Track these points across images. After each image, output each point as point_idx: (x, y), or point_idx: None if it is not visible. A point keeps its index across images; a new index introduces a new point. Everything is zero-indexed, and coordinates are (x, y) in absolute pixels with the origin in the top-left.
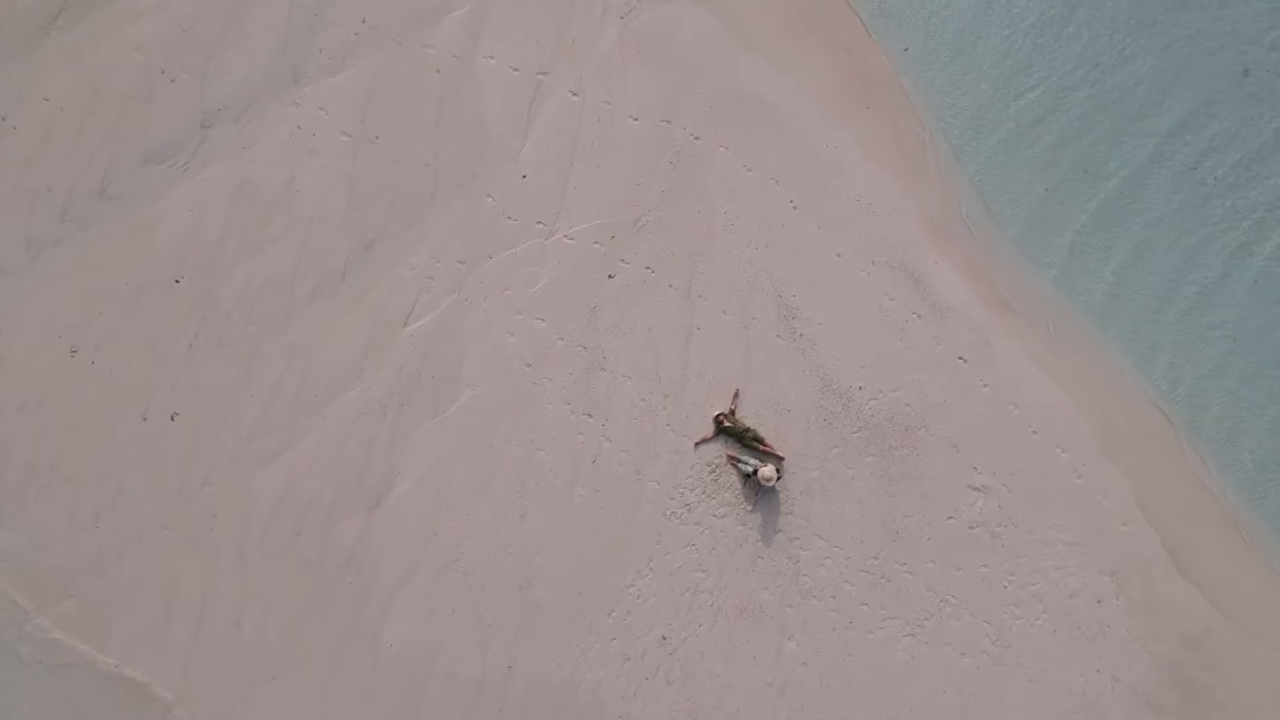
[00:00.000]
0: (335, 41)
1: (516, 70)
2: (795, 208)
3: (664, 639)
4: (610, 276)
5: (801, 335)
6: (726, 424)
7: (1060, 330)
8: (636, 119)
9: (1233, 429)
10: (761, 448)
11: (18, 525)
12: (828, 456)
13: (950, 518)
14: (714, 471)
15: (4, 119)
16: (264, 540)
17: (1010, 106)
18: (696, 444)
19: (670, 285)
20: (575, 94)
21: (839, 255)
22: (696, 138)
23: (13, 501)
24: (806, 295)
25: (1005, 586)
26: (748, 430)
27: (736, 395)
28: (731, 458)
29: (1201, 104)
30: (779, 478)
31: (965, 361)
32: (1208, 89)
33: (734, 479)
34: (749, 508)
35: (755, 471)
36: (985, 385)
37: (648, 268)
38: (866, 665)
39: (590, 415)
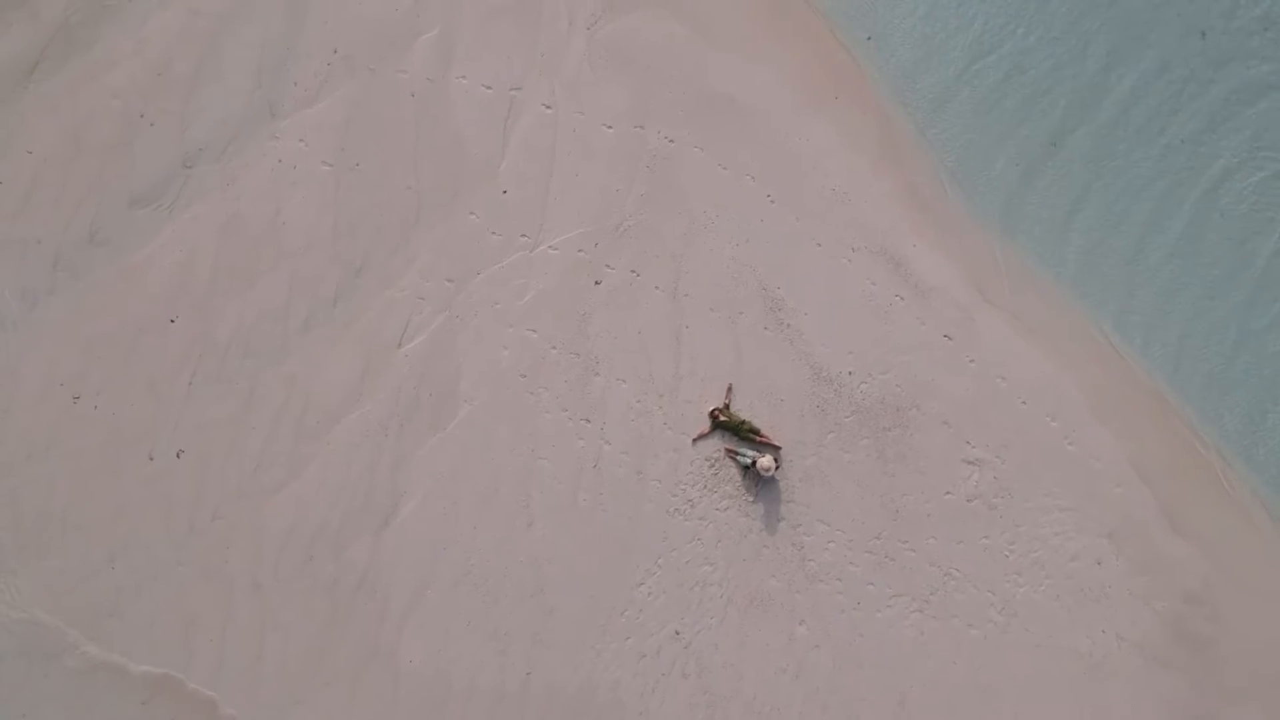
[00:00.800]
0: (308, 73)
1: (489, 88)
2: (773, 201)
3: (677, 634)
4: (597, 283)
5: (789, 326)
6: (722, 418)
7: (1037, 298)
8: (610, 127)
9: (1209, 383)
10: (758, 439)
11: (34, 573)
12: (823, 442)
13: (948, 493)
14: (714, 466)
15: None
16: (277, 569)
17: (971, 82)
18: (694, 440)
19: (656, 287)
20: (549, 107)
21: (819, 245)
22: (671, 140)
23: (27, 550)
24: (790, 286)
25: (1007, 556)
26: (743, 423)
27: (730, 390)
28: (730, 451)
29: (1157, 64)
30: (778, 467)
31: (950, 339)
32: (1162, 49)
33: (734, 472)
34: (751, 498)
35: (754, 463)
36: (972, 361)
37: (633, 271)
38: (877, 644)
39: (588, 420)
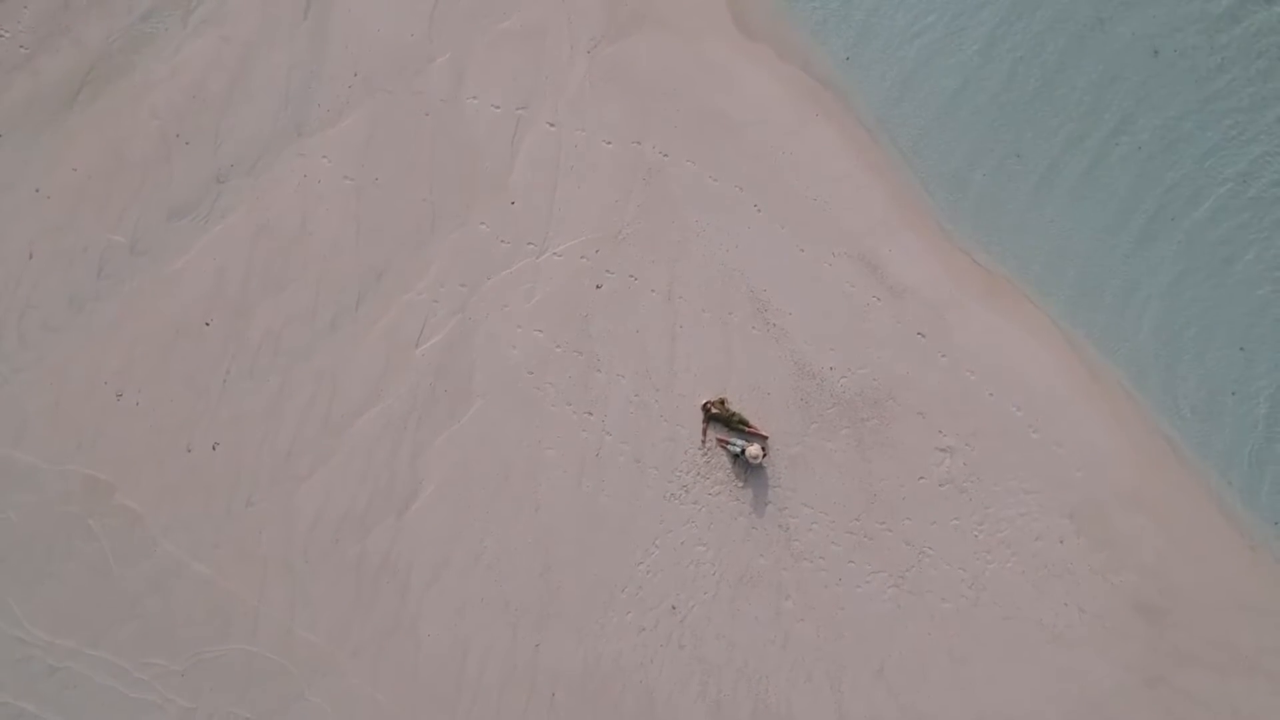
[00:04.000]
0: (331, 95)
1: (498, 108)
2: (759, 211)
3: (674, 609)
4: (598, 287)
5: (775, 325)
6: (714, 411)
7: (1006, 295)
8: (610, 142)
9: (1165, 374)
10: (747, 429)
11: (84, 555)
12: (807, 432)
13: (922, 478)
14: (706, 455)
15: (38, 190)
16: (307, 550)
17: (939, 96)
18: (704, 439)
19: (653, 290)
20: (553, 124)
21: (802, 250)
22: (665, 155)
23: (77, 534)
24: (776, 289)
25: (976, 535)
26: (734, 414)
27: (724, 401)
28: (721, 440)
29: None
30: (765, 455)
31: (924, 337)
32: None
33: (725, 460)
34: (741, 484)
35: (743, 451)
36: (943, 356)
37: (631, 276)
38: (857, 616)
39: (590, 413)
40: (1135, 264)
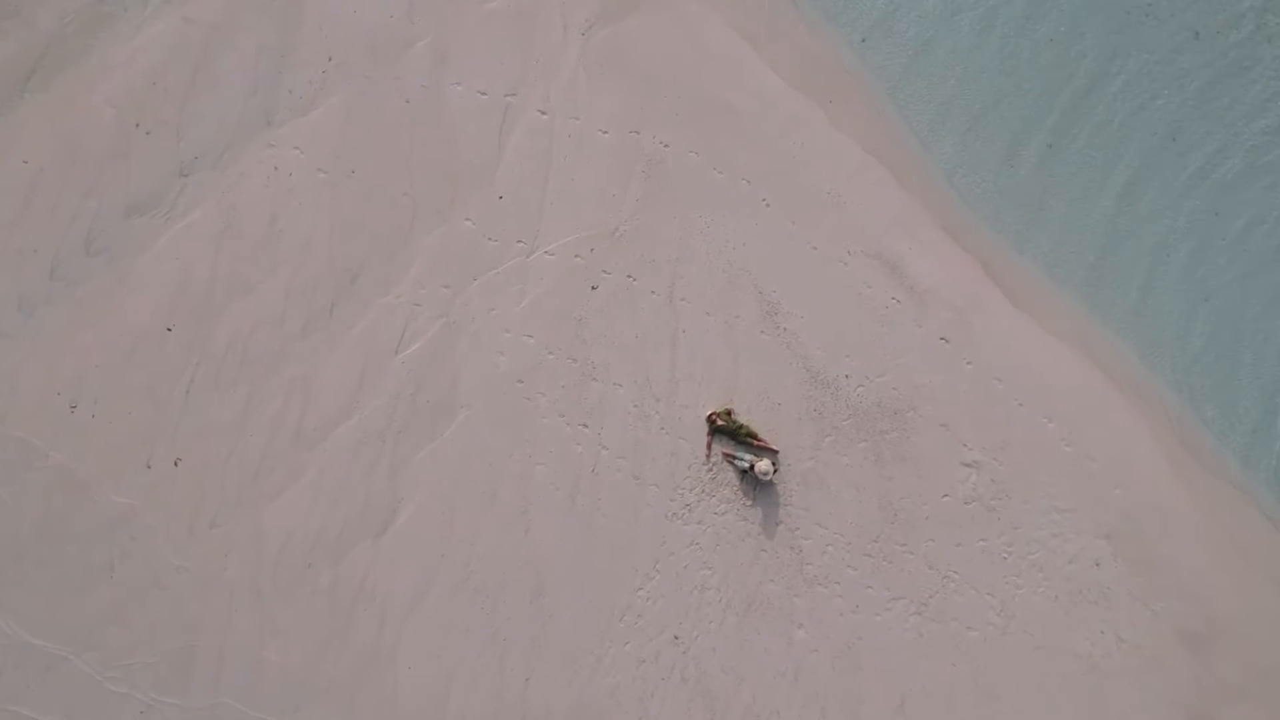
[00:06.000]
0: (304, 81)
1: (484, 94)
2: (768, 205)
3: (676, 639)
4: (593, 288)
5: (785, 330)
6: (720, 423)
7: (1036, 296)
8: (606, 132)
9: (1209, 383)
10: (756, 443)
11: (34, 582)
12: (821, 446)
13: (945, 495)
14: (711, 470)
15: None
16: (276, 575)
17: (971, 91)
18: (709, 454)
19: (653, 292)
20: (544, 112)
21: (815, 248)
22: (666, 145)
23: (28, 559)
24: (786, 290)
25: (1005, 558)
26: (741, 427)
27: (730, 412)
28: (727, 455)
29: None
30: (775, 471)
31: (947, 341)
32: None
33: (731, 476)
34: (748, 502)
35: (751, 466)
36: (969, 363)
37: (629, 276)
38: (876, 647)
39: (585, 425)
40: (1181, 265)
